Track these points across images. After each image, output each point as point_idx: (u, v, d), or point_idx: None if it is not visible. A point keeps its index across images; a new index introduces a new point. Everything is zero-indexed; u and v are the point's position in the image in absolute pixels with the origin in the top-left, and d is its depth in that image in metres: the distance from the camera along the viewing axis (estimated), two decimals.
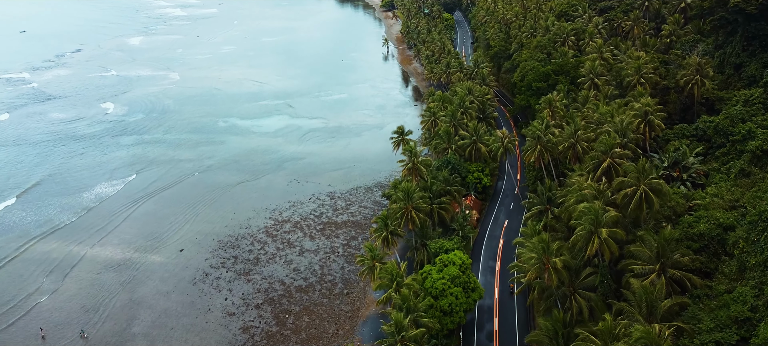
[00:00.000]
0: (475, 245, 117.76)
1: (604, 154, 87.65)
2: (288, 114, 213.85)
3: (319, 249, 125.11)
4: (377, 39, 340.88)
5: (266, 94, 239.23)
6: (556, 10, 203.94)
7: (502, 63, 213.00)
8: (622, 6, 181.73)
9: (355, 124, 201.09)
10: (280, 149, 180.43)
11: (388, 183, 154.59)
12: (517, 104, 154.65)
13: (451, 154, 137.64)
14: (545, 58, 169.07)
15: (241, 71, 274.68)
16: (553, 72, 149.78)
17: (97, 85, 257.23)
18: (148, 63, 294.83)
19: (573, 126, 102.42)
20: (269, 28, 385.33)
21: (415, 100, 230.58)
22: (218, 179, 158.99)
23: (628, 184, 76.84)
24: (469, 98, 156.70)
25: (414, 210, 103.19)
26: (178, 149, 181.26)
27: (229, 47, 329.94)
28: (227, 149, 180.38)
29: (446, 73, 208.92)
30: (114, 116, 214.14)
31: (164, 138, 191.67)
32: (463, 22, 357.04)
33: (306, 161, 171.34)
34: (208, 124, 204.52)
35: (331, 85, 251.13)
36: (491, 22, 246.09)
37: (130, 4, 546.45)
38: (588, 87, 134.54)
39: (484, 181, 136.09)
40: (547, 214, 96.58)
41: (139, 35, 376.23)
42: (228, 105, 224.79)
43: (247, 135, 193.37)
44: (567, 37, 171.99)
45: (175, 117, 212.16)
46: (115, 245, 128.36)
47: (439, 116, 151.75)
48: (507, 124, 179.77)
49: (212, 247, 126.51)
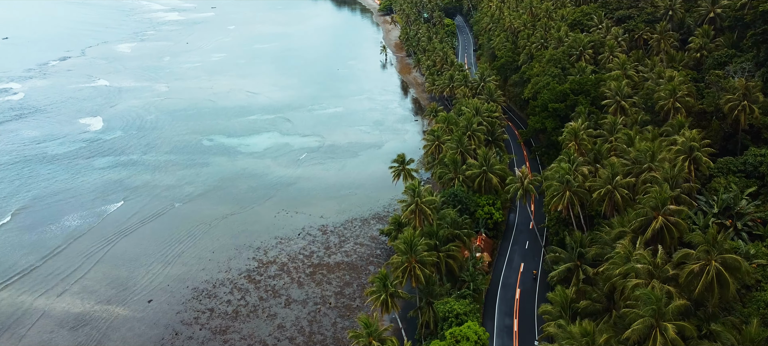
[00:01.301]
0: (488, 297, 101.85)
1: (655, 210, 71.71)
2: (278, 131, 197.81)
3: (309, 299, 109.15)
4: (375, 45, 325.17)
5: (256, 107, 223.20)
6: (569, 19, 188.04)
7: (510, 75, 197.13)
8: (643, 15, 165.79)
9: (351, 143, 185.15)
10: (268, 173, 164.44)
11: (387, 215, 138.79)
12: (530, 126, 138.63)
13: (457, 186, 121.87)
14: (560, 73, 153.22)
15: (230, 82, 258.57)
16: (572, 91, 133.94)
17: (77, 98, 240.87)
18: (133, 73, 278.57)
19: (609, 169, 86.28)
20: (262, 33, 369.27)
21: (415, 114, 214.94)
22: (198, 211, 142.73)
23: (694, 258, 61.00)
24: (477, 119, 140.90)
25: (418, 265, 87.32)
26: (157, 173, 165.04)
27: (220, 55, 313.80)
28: (211, 173, 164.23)
29: (449, 86, 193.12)
30: (90, 134, 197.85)
31: (143, 160, 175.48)
32: (464, 27, 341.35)
33: (296, 187, 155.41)
34: (191, 143, 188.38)
35: (325, 97, 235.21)
36: (496, 30, 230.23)
37: (122, 5, 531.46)
38: (614, 111, 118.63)
39: (495, 216, 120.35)
40: (577, 273, 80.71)
41: (128, 41, 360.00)
42: (214, 120, 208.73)
43: (233, 156, 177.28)
44: (584, 51, 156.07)
45: (157, 134, 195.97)
46: (76, 295, 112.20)
47: (444, 141, 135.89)
48: (517, 146, 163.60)
49: (185, 296, 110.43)
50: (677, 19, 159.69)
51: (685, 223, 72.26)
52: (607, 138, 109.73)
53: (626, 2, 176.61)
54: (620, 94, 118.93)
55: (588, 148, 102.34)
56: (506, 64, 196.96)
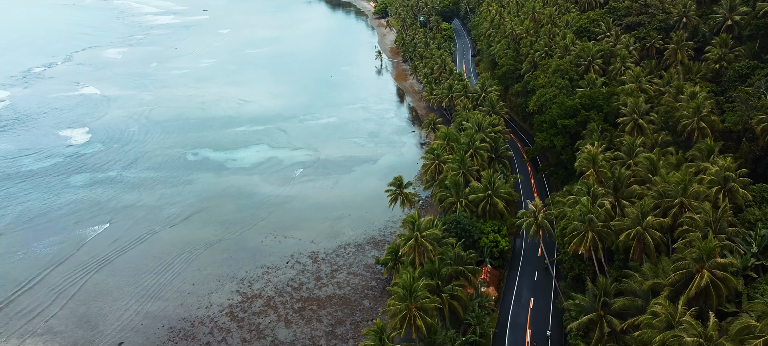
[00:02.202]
0: (495, 341, 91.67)
1: (698, 263, 61.65)
2: (268, 144, 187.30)
3: (297, 340, 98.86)
4: (370, 50, 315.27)
5: (245, 117, 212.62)
6: (574, 26, 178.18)
7: (511, 84, 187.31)
8: (654, 23, 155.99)
9: (344, 157, 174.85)
10: (256, 191, 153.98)
11: (383, 239, 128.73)
12: (537, 144, 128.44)
13: (459, 210, 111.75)
14: (567, 85, 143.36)
15: (219, 89, 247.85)
16: (582, 106, 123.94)
17: (59, 108, 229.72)
18: (118, 80, 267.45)
19: (638, 208, 76.02)
20: (254, 38, 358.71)
21: (411, 123, 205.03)
22: (180, 237, 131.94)
23: (754, 331, 50.88)
24: (479, 136, 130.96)
25: (419, 312, 77.15)
26: (137, 193, 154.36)
27: (209, 61, 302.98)
28: (195, 193, 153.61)
29: (449, 96, 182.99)
30: (70, 148, 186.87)
31: (123, 177, 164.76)
32: (461, 31, 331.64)
33: (286, 208, 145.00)
34: (176, 157, 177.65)
35: (318, 106, 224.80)
36: (497, 36, 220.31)
37: (113, 7, 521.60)
38: (631, 129, 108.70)
39: (501, 244, 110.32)
40: (601, 325, 70.60)
41: (115, 46, 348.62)
42: (201, 132, 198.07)
43: (219, 172, 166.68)
44: (593, 61, 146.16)
45: (140, 148, 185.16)
46: (41, 338, 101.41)
47: (445, 159, 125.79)
48: (520, 162, 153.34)
49: (160, 338, 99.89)
50: (691, 26, 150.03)
51: (735, 279, 62.03)
52: (625, 161, 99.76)
53: (636, 8, 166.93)
54: (637, 111, 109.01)
55: (607, 175, 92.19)
56: (508, 72, 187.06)
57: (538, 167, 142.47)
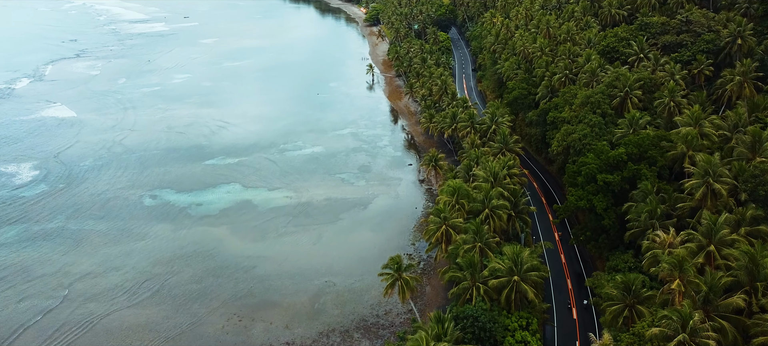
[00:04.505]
0: None
1: None
2: (241, 182, 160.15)
3: None
4: (360, 62, 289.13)
5: (216, 147, 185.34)
6: (598, 45, 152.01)
7: (525, 112, 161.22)
8: (700, 44, 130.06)
9: (330, 201, 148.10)
10: (221, 250, 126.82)
11: (377, 324, 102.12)
12: (570, 202, 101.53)
13: (476, 300, 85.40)
14: (600, 122, 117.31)
15: (190, 112, 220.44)
16: (629, 156, 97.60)
17: (8, 137, 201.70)
18: (81, 100, 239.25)
19: None
20: (235, 49, 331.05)
21: (408, 153, 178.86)
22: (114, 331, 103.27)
23: None
24: (496, 191, 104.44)
25: None
26: (75, 253, 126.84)
27: (183, 76, 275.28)
28: (146, 253, 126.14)
29: (452, 126, 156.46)
30: (4, 191, 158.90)
31: (63, 228, 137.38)
32: (458, 41, 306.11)
33: (257, 274, 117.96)
34: (130, 202, 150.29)
35: (301, 132, 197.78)
36: (504, 52, 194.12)
37: (94, 11, 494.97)
38: (702, 197, 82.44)
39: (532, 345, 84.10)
40: None
41: (86, 58, 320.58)
42: (163, 167, 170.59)
43: (179, 222, 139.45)
44: (630, 92, 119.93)
45: (89, 189, 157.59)
46: None
47: (454, 225, 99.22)
48: (544, 224, 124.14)
49: None
50: (746, 49, 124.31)
51: None
52: (703, 245, 73.51)
53: (674, 25, 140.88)
54: (712, 172, 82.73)
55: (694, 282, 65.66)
56: (520, 97, 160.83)
57: (567, 227, 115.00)
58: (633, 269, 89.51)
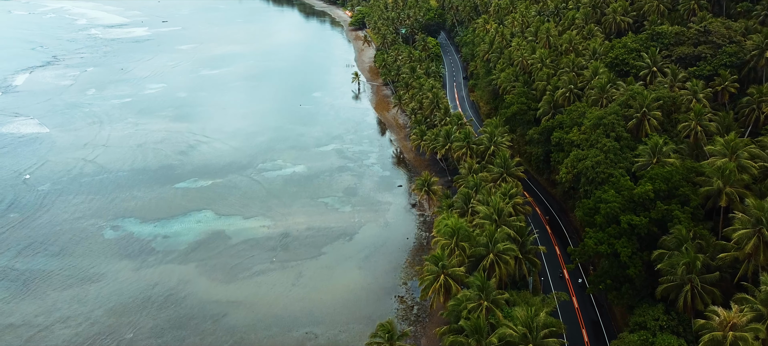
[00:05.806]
0: None
1: None
2: (213, 210, 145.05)
3: None
4: (345, 69, 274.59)
5: (188, 168, 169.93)
6: (605, 58, 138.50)
7: (524, 129, 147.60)
8: (722, 57, 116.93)
9: (312, 231, 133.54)
10: (189, 294, 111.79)
11: None
12: (588, 248, 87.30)
13: None
14: (616, 147, 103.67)
15: (162, 126, 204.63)
16: (657, 194, 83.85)
17: None
18: (45, 114, 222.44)
19: None
20: (214, 55, 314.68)
21: (397, 170, 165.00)
22: None
23: None
24: (501, 233, 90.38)
25: None
26: (20, 299, 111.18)
27: (157, 85, 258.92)
28: (102, 299, 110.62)
29: (446, 146, 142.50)
30: None
31: (11, 269, 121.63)
32: (448, 47, 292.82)
33: (225, 325, 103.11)
34: (88, 234, 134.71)
35: (282, 149, 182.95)
36: (499, 61, 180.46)
37: (72, 14, 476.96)
38: (755, 247, 68.82)
39: None
40: None
41: (57, 66, 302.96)
42: (128, 192, 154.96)
43: (142, 259, 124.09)
44: (648, 113, 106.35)
45: (44, 220, 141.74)
46: None
47: (454, 274, 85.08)
48: (554, 272, 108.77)
49: None
50: None
51: None
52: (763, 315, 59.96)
53: (690, 36, 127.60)
54: (765, 221, 69.06)
55: None
56: (519, 113, 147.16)
57: (592, 282, 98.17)
58: (664, 328, 76.14)
